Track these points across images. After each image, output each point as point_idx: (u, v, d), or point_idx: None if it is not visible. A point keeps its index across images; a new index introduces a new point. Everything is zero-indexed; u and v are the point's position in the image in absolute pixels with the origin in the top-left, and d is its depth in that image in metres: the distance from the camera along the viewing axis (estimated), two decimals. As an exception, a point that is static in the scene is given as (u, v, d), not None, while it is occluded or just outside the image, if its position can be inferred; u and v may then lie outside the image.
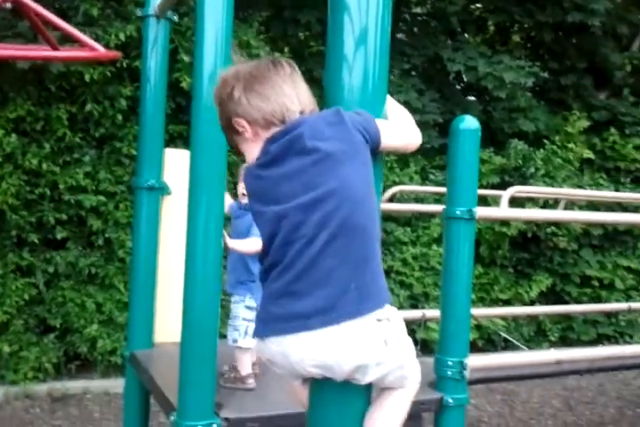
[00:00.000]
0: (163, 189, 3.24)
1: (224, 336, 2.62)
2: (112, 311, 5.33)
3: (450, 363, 2.65)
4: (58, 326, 5.29)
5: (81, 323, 5.26)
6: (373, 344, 1.33)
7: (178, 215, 3.31)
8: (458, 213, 2.65)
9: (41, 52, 3.25)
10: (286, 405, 2.20)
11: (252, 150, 1.43)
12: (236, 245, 2.48)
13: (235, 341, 2.58)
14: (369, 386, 1.44)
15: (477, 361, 2.84)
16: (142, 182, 3.17)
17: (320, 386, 1.45)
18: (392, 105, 1.52)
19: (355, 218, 1.31)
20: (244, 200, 2.60)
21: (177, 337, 3.23)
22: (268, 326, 1.36)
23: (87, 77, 4.83)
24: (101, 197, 5.20)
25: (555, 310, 5.31)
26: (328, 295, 1.29)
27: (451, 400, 2.63)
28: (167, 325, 3.28)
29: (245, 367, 2.58)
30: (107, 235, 5.33)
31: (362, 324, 1.30)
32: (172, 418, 2.29)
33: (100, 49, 3.13)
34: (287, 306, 1.32)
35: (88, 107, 5.04)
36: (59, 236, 5.22)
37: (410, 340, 1.44)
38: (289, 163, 1.35)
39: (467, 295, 2.66)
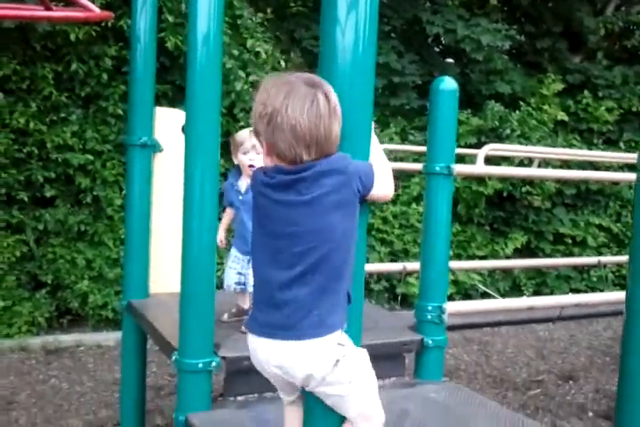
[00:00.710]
0: (154, 147, 3.36)
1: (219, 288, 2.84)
2: (102, 267, 5.50)
3: (429, 308, 2.86)
4: (49, 281, 5.47)
5: (72, 279, 5.44)
6: (323, 361, 1.52)
7: (169, 171, 3.46)
8: (437, 168, 2.82)
9: (35, 12, 3.28)
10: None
11: (266, 161, 1.56)
12: None
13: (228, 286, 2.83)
14: None
15: (454, 307, 3.08)
16: (135, 140, 3.28)
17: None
18: (378, 155, 1.59)
19: (331, 258, 1.48)
20: (249, 171, 2.76)
21: (170, 288, 3.44)
22: (250, 325, 1.62)
23: (72, 37, 4.87)
24: (89, 156, 5.30)
25: (528, 264, 5.59)
26: (293, 316, 1.51)
27: (430, 342, 2.85)
28: (161, 276, 3.45)
29: (247, 303, 2.85)
30: (95, 193, 5.45)
31: (316, 343, 1.51)
32: (174, 357, 2.49)
33: (95, 9, 3.16)
34: (265, 314, 1.57)
35: (73, 66, 5.10)
36: (47, 194, 5.34)
37: (373, 383, 1.63)
38: (286, 195, 1.49)
39: (446, 244, 2.87)
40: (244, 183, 2.86)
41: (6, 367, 4.82)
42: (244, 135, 2.81)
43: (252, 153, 2.79)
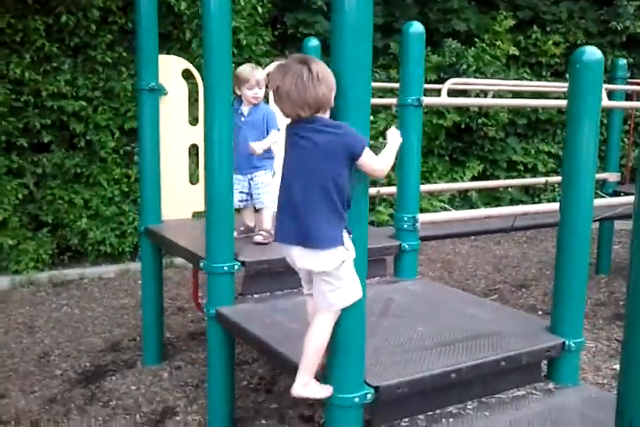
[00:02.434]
0: (160, 91, 3.80)
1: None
2: (98, 206, 5.94)
3: (405, 218, 3.47)
4: (50, 221, 5.88)
5: (70, 218, 5.86)
6: (331, 262, 2.01)
7: (174, 112, 3.92)
8: (409, 101, 3.38)
9: None
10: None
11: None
12: (263, 145, 3.31)
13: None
14: None
15: (425, 217, 3.68)
16: (144, 85, 3.72)
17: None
18: (390, 149, 2.11)
19: (322, 192, 1.95)
20: (255, 101, 3.35)
21: (180, 215, 3.96)
22: (276, 234, 2.13)
23: (61, -11, 5.14)
24: (82, 102, 5.65)
25: (483, 185, 6.26)
26: (304, 229, 2.01)
27: (407, 246, 3.48)
28: (171, 205, 3.97)
29: (252, 221, 3.57)
30: (88, 137, 5.82)
31: (325, 252, 2.00)
32: (203, 263, 3.04)
33: None
34: (287, 227, 2.06)
35: (63, 18, 5.37)
36: (45, 139, 5.69)
37: (354, 282, 2.05)
38: (300, 140, 2.01)
39: (417, 164, 3.45)
40: (246, 108, 3.41)
41: (20, 300, 5.28)
42: (248, 72, 3.31)
43: (255, 88, 3.33)
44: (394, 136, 2.19)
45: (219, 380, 3.04)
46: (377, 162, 2.02)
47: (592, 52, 2.49)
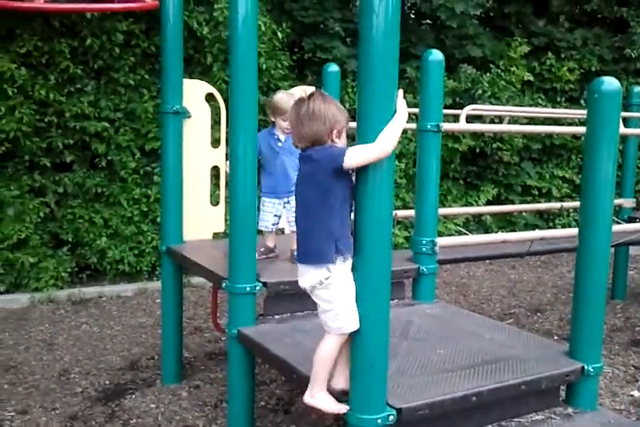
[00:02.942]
0: (184, 114, 3.89)
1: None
2: (118, 226, 6.03)
3: (424, 242, 3.51)
4: (70, 240, 5.97)
5: (90, 237, 5.96)
6: (313, 280, 2.16)
7: (197, 135, 4.01)
8: (428, 126, 3.45)
9: (98, 4, 3.63)
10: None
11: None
12: None
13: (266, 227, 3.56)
14: None
15: (443, 241, 3.72)
16: (168, 108, 3.81)
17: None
18: (389, 129, 2.01)
19: (312, 217, 2.10)
20: (288, 132, 3.35)
21: (201, 235, 4.03)
22: None
23: (88, 14, 5.28)
24: (105, 124, 5.77)
25: (499, 210, 6.31)
26: (299, 249, 2.19)
27: (425, 269, 3.51)
28: (193, 225, 4.03)
29: (273, 242, 3.61)
30: (109, 157, 5.94)
31: (310, 267, 2.16)
32: (225, 284, 3.09)
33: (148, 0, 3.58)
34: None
35: (88, 41, 5.52)
36: (67, 159, 5.81)
37: (348, 311, 2.11)
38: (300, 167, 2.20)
39: (436, 188, 3.50)
40: (281, 135, 3.48)
41: (39, 317, 5.34)
42: (286, 103, 3.27)
43: None
44: (399, 109, 2.03)
45: (239, 399, 3.07)
46: (370, 149, 1.98)
47: (610, 82, 2.55)
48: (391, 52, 2.00)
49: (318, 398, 2.21)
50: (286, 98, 3.36)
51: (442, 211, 6.51)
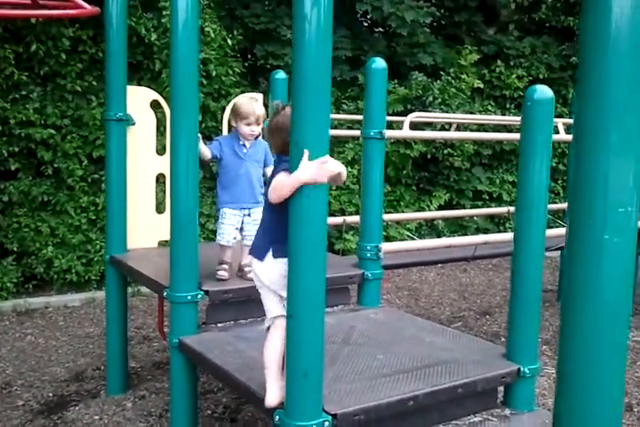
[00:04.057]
0: (128, 121, 3.85)
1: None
2: (65, 235, 5.91)
3: (368, 247, 3.54)
4: (15, 249, 5.84)
5: (37, 246, 5.83)
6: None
7: (141, 142, 3.97)
8: (372, 133, 3.47)
9: (29, 10, 3.55)
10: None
11: None
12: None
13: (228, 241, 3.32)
14: None
15: (388, 246, 3.75)
16: (112, 115, 3.77)
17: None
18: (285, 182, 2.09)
19: (263, 219, 2.32)
20: (250, 138, 3.28)
21: (147, 244, 3.98)
22: None
23: (32, 19, 5.18)
24: (51, 131, 5.67)
25: (449, 214, 6.39)
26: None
27: (370, 275, 3.54)
28: (138, 234, 3.99)
29: (221, 257, 3.33)
30: (56, 165, 5.83)
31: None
32: (166, 293, 3.06)
33: (86, 6, 3.51)
34: None
35: (33, 47, 5.42)
36: (12, 167, 5.68)
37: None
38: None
39: (380, 195, 3.53)
40: (247, 141, 3.30)
41: (-18, 329, 5.23)
42: (248, 108, 3.21)
43: (254, 126, 3.24)
44: (302, 166, 1.99)
45: (182, 410, 3.04)
46: (275, 186, 2.08)
47: (543, 91, 2.61)
48: (323, 58, 2.01)
49: (268, 389, 2.23)
50: (248, 102, 3.26)
51: (394, 216, 6.61)
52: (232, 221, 3.28)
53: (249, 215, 3.30)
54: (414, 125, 7.07)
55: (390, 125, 6.70)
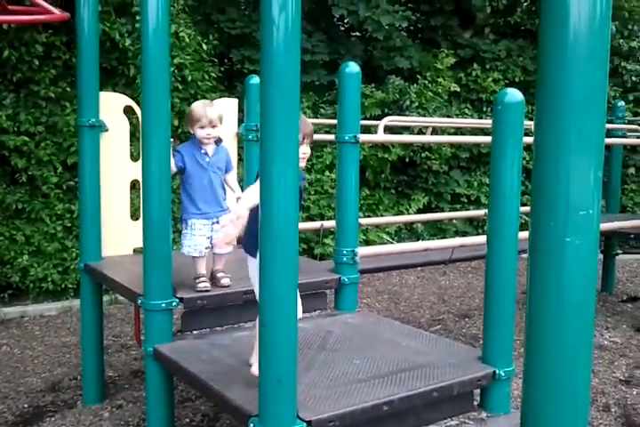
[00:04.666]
0: (101, 127, 3.82)
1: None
2: (40, 243, 5.84)
3: (344, 252, 3.53)
4: (-11, 258, 5.75)
5: (11, 255, 5.75)
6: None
7: (114, 148, 3.94)
8: (346, 138, 3.47)
9: (7, 16, 3.49)
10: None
11: None
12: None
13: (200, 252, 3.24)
14: None
15: (365, 251, 3.75)
16: (84, 121, 3.73)
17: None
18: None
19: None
20: (207, 142, 3.19)
21: (122, 251, 3.94)
22: None
23: (4, 25, 5.12)
24: (24, 138, 5.60)
25: (427, 218, 6.41)
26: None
27: (346, 279, 3.53)
28: (112, 241, 3.95)
29: (198, 270, 3.25)
30: (30, 172, 5.76)
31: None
32: (140, 300, 3.03)
33: (55, 11, 3.46)
34: None
35: (6, 53, 5.35)
36: (-16, 175, 5.61)
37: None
38: None
39: (356, 199, 3.52)
40: (209, 148, 3.21)
41: (-46, 340, 5.14)
42: (200, 111, 3.13)
43: (208, 128, 3.14)
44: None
45: (158, 419, 3.01)
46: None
47: (513, 94, 2.63)
48: (292, 64, 2.00)
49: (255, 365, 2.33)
50: (201, 105, 3.18)
51: (373, 220, 6.60)
52: (202, 231, 3.20)
53: (217, 222, 3.22)
54: (392, 129, 7.12)
55: (368, 130, 6.71)
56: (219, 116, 3.18)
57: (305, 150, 2.67)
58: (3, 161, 5.77)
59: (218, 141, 3.26)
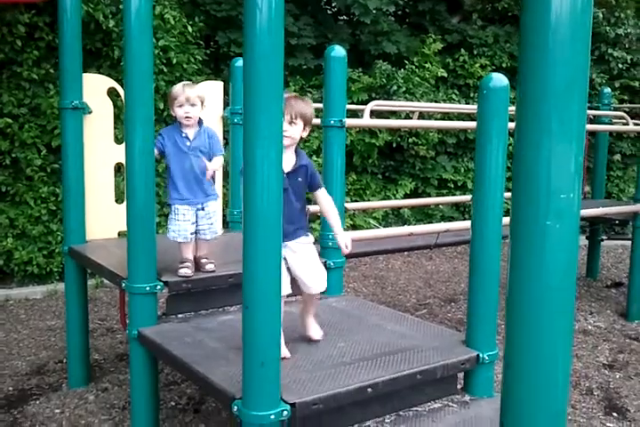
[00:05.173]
0: (84, 109, 3.78)
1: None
2: (25, 226, 5.80)
3: (330, 236, 3.52)
4: (-27, 241, 5.70)
5: (-5, 238, 5.72)
6: None
7: (98, 131, 3.90)
8: (332, 122, 3.46)
9: None
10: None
11: None
12: (215, 166, 3.18)
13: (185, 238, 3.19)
14: None
15: (351, 235, 3.74)
16: (67, 104, 3.69)
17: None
18: None
19: None
20: (186, 122, 3.11)
21: (106, 234, 3.93)
22: None
23: (-17, 5, 5.05)
24: (8, 119, 5.53)
25: (414, 203, 6.42)
26: None
27: (332, 263, 3.53)
28: (97, 224, 3.93)
29: (183, 255, 3.21)
30: (14, 155, 5.70)
31: None
32: (124, 284, 3.02)
33: None
34: None
35: (-14, 33, 5.27)
36: (-32, 157, 5.54)
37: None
38: None
39: (342, 183, 3.52)
40: (191, 131, 3.14)
41: (-61, 323, 5.11)
42: (178, 89, 3.09)
43: (186, 106, 3.08)
44: None
45: (143, 402, 3.01)
46: None
47: (499, 79, 2.63)
48: (275, 48, 1.98)
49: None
50: (180, 85, 3.14)
51: (360, 205, 6.61)
52: (186, 217, 3.15)
53: (202, 209, 3.18)
54: (379, 114, 7.10)
55: (355, 114, 6.69)
56: (197, 96, 3.11)
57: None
58: (-14, 143, 5.71)
59: (199, 123, 3.20)
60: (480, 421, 2.49)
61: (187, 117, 3.09)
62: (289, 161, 2.59)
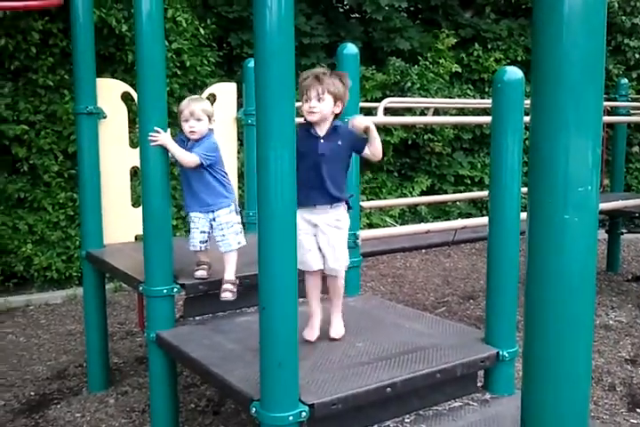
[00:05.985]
0: (99, 114, 3.79)
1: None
2: (44, 231, 5.84)
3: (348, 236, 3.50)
4: (-7, 248, 5.76)
5: (15, 244, 5.76)
6: None
7: (113, 135, 3.91)
8: (346, 120, 3.42)
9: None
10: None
11: None
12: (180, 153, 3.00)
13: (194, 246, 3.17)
14: None
15: (367, 234, 3.73)
16: (82, 109, 3.71)
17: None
18: None
19: None
20: (192, 136, 3.05)
21: (123, 238, 3.94)
22: None
23: (0, 13, 5.07)
24: (24, 126, 5.57)
25: (431, 200, 6.37)
26: None
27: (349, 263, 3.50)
28: (114, 228, 3.94)
29: (198, 257, 3.20)
30: (31, 161, 5.74)
31: None
32: (142, 287, 3.03)
33: None
34: None
35: (2, 41, 5.30)
36: (-14, 165, 5.60)
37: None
38: None
39: (356, 182, 3.50)
40: (192, 142, 3.08)
41: (-40, 329, 5.16)
42: (184, 104, 3.05)
43: (191, 121, 3.01)
44: None
45: (162, 404, 3.01)
46: None
47: (513, 72, 2.59)
48: (286, 47, 1.97)
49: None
50: (186, 100, 3.10)
51: (377, 203, 6.59)
52: (197, 224, 3.11)
53: (214, 220, 3.11)
54: (394, 112, 7.06)
55: (370, 112, 6.66)
56: (202, 109, 3.03)
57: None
58: (3, 150, 5.75)
59: (207, 135, 3.09)
60: (501, 419, 2.45)
61: (191, 132, 3.03)
62: (324, 128, 2.64)
